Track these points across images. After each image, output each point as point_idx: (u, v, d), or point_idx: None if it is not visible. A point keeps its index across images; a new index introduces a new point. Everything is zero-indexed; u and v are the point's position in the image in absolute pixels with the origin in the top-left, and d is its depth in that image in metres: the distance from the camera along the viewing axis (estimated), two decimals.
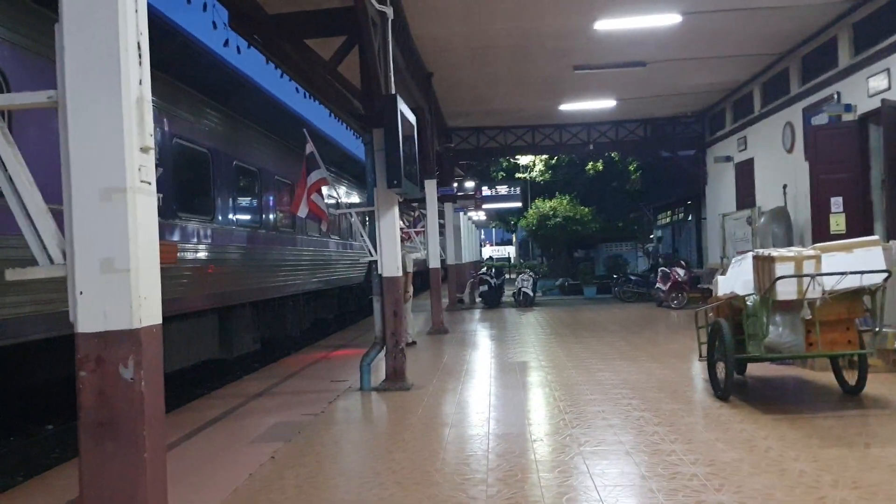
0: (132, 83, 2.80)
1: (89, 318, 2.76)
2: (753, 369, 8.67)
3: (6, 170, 2.83)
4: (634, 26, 12.40)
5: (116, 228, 2.75)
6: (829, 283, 6.66)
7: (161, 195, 8.64)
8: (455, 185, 23.19)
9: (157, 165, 8.55)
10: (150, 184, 2.91)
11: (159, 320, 2.89)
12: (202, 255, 9.88)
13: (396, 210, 9.04)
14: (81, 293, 2.76)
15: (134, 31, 2.83)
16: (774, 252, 6.97)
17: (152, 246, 2.90)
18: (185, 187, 9.53)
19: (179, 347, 9.32)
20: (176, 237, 9.06)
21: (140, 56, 2.85)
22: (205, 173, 10.31)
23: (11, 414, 7.66)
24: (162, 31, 9.75)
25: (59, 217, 2.87)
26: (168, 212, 8.89)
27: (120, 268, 2.75)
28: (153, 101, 8.67)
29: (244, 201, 11.91)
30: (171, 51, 9.73)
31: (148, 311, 2.82)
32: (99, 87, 2.76)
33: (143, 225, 2.84)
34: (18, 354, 6.78)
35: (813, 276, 6.63)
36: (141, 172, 2.83)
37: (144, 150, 2.86)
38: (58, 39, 2.77)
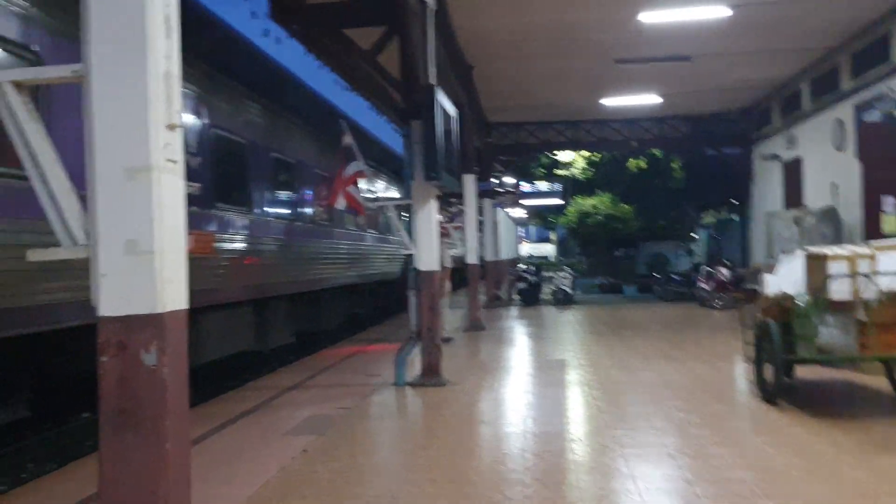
0: (159, 57, 2.67)
1: (111, 301, 2.64)
2: (801, 371, 8.36)
3: (31, 147, 2.73)
4: (680, 19, 12.09)
5: (140, 209, 2.63)
6: (885, 283, 6.36)
7: (199, 184, 8.62)
8: (494, 180, 22.98)
9: (195, 154, 8.58)
10: (176, 163, 2.78)
11: (185, 305, 2.77)
12: (238, 245, 9.84)
13: (434, 204, 8.90)
14: (104, 275, 2.65)
15: (161, 3, 2.70)
16: (827, 250, 6.70)
17: (178, 228, 2.78)
18: (222, 178, 9.49)
19: (214, 338, 9.29)
20: (212, 227, 9.03)
21: (168, 30, 2.72)
22: (242, 164, 10.28)
23: (49, 402, 7.67)
24: (202, 21, 9.74)
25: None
26: (205, 201, 8.85)
27: (144, 250, 2.63)
28: (193, 90, 8.74)
29: (281, 193, 11.87)
30: (210, 41, 9.70)
31: (172, 295, 2.71)
32: (124, 61, 2.64)
33: (169, 206, 2.72)
34: (56, 341, 6.77)
35: (868, 276, 6.34)
36: (167, 151, 2.70)
37: (171, 127, 2.73)
38: (83, 11, 2.65)
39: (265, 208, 10.92)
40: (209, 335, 9.10)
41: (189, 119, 8.73)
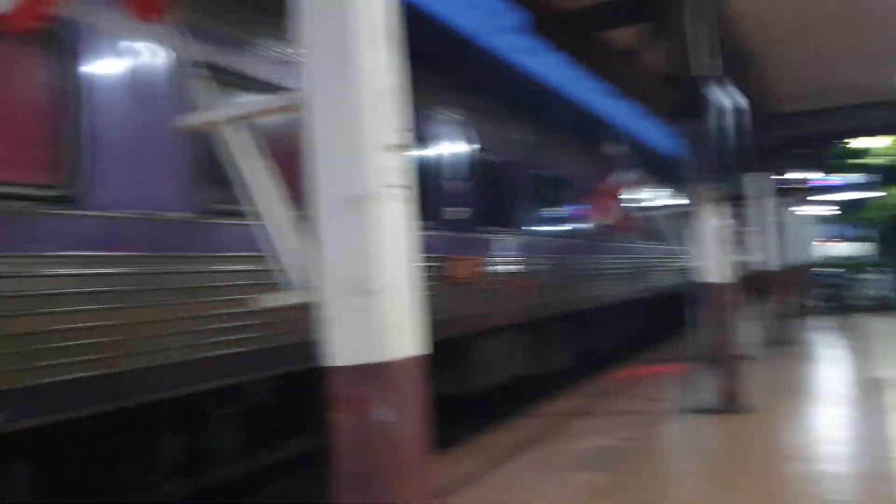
0: (376, 71, 2.38)
1: (337, 348, 2.38)
2: None
3: (254, 186, 2.57)
4: None
5: (361, 243, 2.35)
6: None
7: (468, 209, 8.59)
8: (783, 176, 20.90)
9: (465, 180, 8.57)
10: (402, 188, 2.46)
11: (417, 351, 2.43)
12: (507, 267, 9.64)
13: (716, 208, 8.01)
14: (329, 320, 2.39)
15: (380, 11, 2.42)
16: None
17: (404, 263, 2.46)
18: (487, 200, 9.39)
19: (487, 365, 9.13)
20: (479, 251, 8.91)
21: (387, 40, 2.42)
22: (507, 184, 10.12)
23: None
24: (463, 49, 9.82)
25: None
26: (473, 225, 8.79)
27: (368, 290, 2.34)
28: (460, 117, 8.78)
29: (549, 210, 11.55)
30: (470, 67, 9.73)
31: (400, 340, 2.39)
32: (339, 79, 2.39)
33: (394, 237, 2.41)
34: None
35: None
36: (387, 176, 2.39)
37: (393, 149, 2.42)
38: (300, 33, 2.45)
39: (533, 227, 10.66)
40: (482, 362, 8.95)
41: (459, 146, 8.76)
